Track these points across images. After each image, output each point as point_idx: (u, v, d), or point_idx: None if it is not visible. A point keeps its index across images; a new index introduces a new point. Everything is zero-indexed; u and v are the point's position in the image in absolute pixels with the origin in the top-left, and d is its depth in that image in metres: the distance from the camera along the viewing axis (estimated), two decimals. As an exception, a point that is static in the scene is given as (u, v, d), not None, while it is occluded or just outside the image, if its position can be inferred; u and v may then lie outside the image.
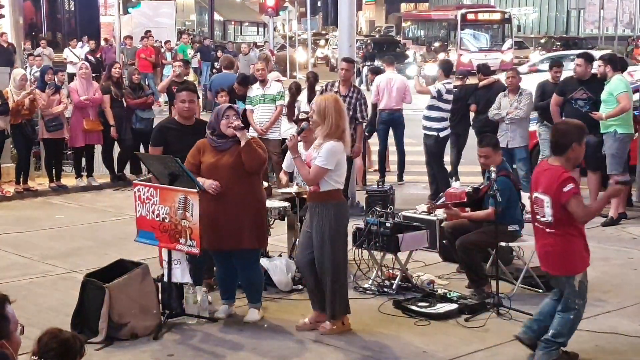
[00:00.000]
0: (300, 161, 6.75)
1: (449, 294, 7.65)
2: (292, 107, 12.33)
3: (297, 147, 6.82)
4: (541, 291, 7.94)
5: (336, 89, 10.97)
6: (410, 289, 7.92)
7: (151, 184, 7.26)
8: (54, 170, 13.11)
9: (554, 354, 6.16)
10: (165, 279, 7.17)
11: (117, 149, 13.74)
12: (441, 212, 8.98)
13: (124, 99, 13.39)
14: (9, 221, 11.23)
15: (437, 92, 12.07)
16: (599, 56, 11.74)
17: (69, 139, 13.10)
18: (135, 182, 7.74)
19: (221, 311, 7.32)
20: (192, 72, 23.91)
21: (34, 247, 9.85)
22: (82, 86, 13.00)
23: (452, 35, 41.43)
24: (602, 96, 10.65)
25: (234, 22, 71.32)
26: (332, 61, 42.20)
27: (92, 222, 11.23)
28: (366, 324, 7.13)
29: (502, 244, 7.96)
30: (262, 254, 7.99)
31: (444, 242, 8.69)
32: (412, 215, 9.34)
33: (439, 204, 9.16)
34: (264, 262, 7.84)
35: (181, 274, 7.10)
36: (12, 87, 12.49)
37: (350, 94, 10.92)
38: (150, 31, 29.67)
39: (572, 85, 11.13)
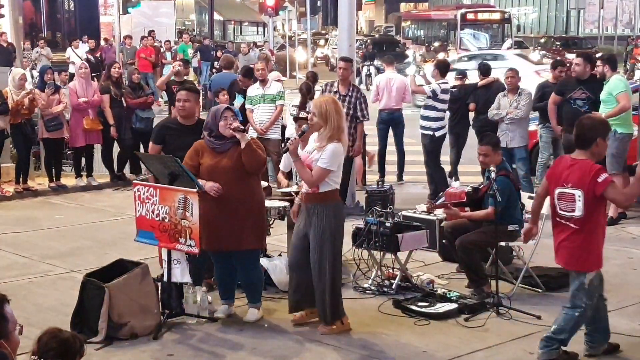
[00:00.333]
0: (300, 164, 6.74)
1: (449, 294, 7.65)
2: (303, 108, 12.13)
3: (297, 150, 6.82)
4: (541, 291, 7.96)
5: (335, 89, 10.98)
6: (410, 289, 7.92)
7: (151, 183, 7.26)
8: (53, 170, 13.10)
9: (554, 353, 6.16)
10: (165, 278, 7.17)
11: (116, 149, 13.74)
12: (441, 212, 8.98)
13: (123, 99, 13.39)
14: (9, 221, 11.22)
15: (432, 92, 12.08)
16: (598, 55, 11.73)
17: (68, 138, 13.11)
18: (135, 181, 7.75)
19: (221, 311, 7.32)
20: (191, 71, 23.89)
21: (34, 247, 9.84)
22: (81, 86, 13.00)
23: (451, 35, 41.35)
24: (602, 96, 10.65)
25: (233, 22, 71.24)
26: (331, 61, 42.18)
27: (92, 221, 11.23)
28: (366, 324, 7.12)
29: (502, 244, 7.96)
30: (262, 253, 7.99)
31: (443, 241, 8.68)
32: (412, 215, 9.34)
33: (438, 203, 9.17)
34: (263, 262, 7.83)
35: (181, 274, 7.10)
36: (11, 86, 12.48)
37: (349, 93, 10.92)
38: (153, 31, 29.63)
39: (571, 85, 11.13)
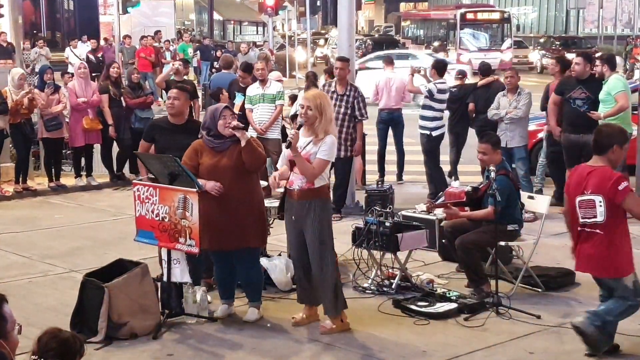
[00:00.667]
0: (301, 158, 6.73)
1: (449, 294, 7.64)
2: None
3: (297, 144, 6.81)
4: (540, 290, 7.96)
5: (333, 89, 10.98)
6: (409, 289, 7.92)
7: (150, 183, 7.26)
8: (53, 169, 13.09)
9: (592, 327, 6.15)
10: (164, 278, 7.17)
11: (116, 149, 13.74)
12: (440, 212, 8.98)
13: (122, 99, 13.38)
14: (8, 221, 11.21)
15: (428, 92, 12.10)
16: (598, 55, 11.72)
17: (68, 138, 13.10)
18: (134, 181, 7.74)
19: (220, 311, 7.31)
20: (191, 71, 23.88)
21: (33, 247, 9.84)
22: (80, 86, 13.00)
23: (451, 34, 41.40)
24: (600, 96, 10.64)
25: (233, 22, 71.25)
26: (331, 61, 42.21)
27: (92, 221, 11.22)
28: (365, 324, 7.12)
29: (502, 244, 7.95)
30: (262, 253, 7.98)
31: (443, 241, 8.68)
32: (412, 214, 9.34)
33: (438, 203, 9.17)
34: (263, 261, 7.82)
35: (180, 274, 7.09)
36: (10, 86, 12.48)
37: (347, 93, 10.91)
38: (159, 31, 29.56)
39: (570, 84, 11.12)
